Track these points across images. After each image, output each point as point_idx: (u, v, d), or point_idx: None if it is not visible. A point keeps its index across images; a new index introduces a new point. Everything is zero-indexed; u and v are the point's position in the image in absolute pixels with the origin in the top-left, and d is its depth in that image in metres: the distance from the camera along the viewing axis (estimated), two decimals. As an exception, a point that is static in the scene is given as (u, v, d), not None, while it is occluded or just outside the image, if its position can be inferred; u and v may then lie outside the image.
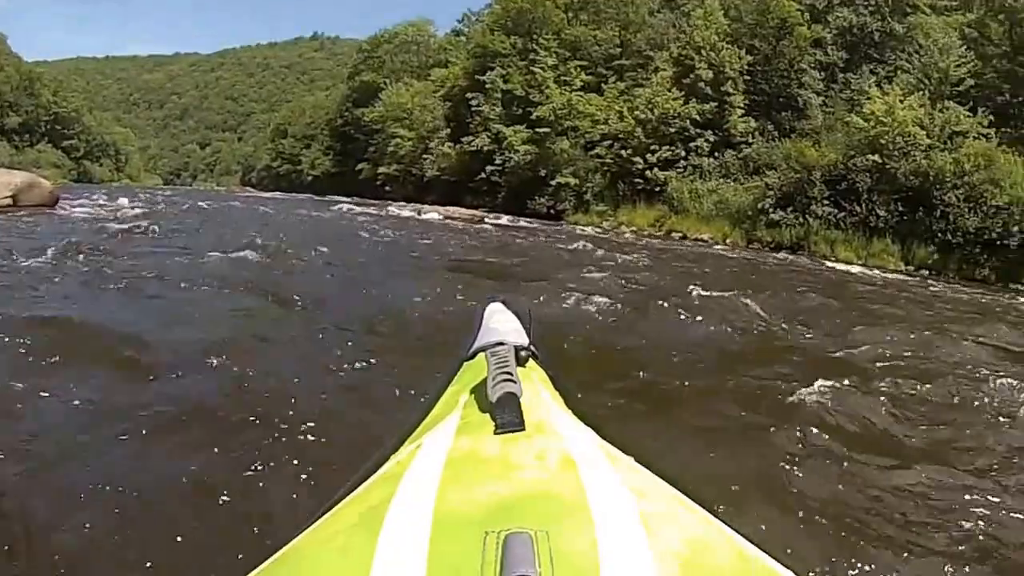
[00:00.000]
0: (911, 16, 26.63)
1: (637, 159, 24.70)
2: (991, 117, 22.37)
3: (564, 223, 24.90)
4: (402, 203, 28.78)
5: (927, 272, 19.62)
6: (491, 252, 12.07)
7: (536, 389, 0.78)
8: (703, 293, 7.32)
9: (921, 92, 22.97)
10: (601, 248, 14.02)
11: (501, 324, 0.99)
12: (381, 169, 39.32)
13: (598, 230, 22.82)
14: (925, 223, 20.68)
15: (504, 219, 23.68)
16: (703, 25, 26.49)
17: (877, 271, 18.18)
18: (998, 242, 19.75)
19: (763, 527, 2.40)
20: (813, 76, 26.25)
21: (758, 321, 6.33)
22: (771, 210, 21.91)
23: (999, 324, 7.69)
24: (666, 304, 6.54)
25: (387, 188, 37.86)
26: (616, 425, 2.02)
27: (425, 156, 35.25)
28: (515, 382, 0.72)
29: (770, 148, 23.89)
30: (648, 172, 24.34)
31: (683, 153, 24.57)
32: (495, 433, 0.64)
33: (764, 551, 0.53)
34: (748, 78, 25.87)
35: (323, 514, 0.59)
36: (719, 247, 20.77)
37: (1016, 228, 19.61)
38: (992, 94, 23.67)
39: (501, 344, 0.90)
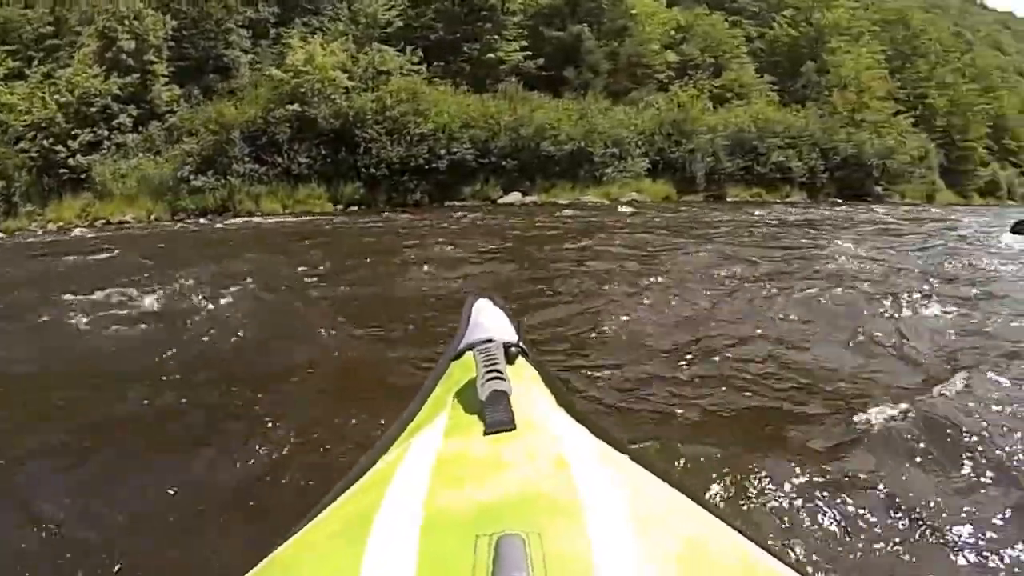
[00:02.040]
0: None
1: (60, 147, 23.35)
2: (421, 54, 24.74)
3: (-1, 232, 23.09)
4: None
5: (356, 208, 21.28)
6: None
7: (527, 387, 0.75)
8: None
9: (346, 37, 24.69)
10: None
11: (488, 320, 0.93)
12: None
13: (31, 234, 21.48)
14: (349, 162, 22.25)
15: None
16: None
17: (305, 216, 19.35)
18: (426, 167, 22.06)
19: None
20: (240, 35, 26.93)
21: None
22: (192, 177, 22.25)
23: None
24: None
25: None
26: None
27: None
28: (505, 380, 0.69)
29: (193, 113, 24.29)
30: (71, 159, 23.32)
31: (107, 133, 23.90)
32: (485, 433, 0.61)
33: (767, 550, 0.51)
34: (173, 44, 25.84)
35: (308, 520, 0.57)
36: (140, 225, 20.84)
37: (443, 152, 22.15)
38: (428, 33, 26.28)
39: (490, 341, 0.85)
